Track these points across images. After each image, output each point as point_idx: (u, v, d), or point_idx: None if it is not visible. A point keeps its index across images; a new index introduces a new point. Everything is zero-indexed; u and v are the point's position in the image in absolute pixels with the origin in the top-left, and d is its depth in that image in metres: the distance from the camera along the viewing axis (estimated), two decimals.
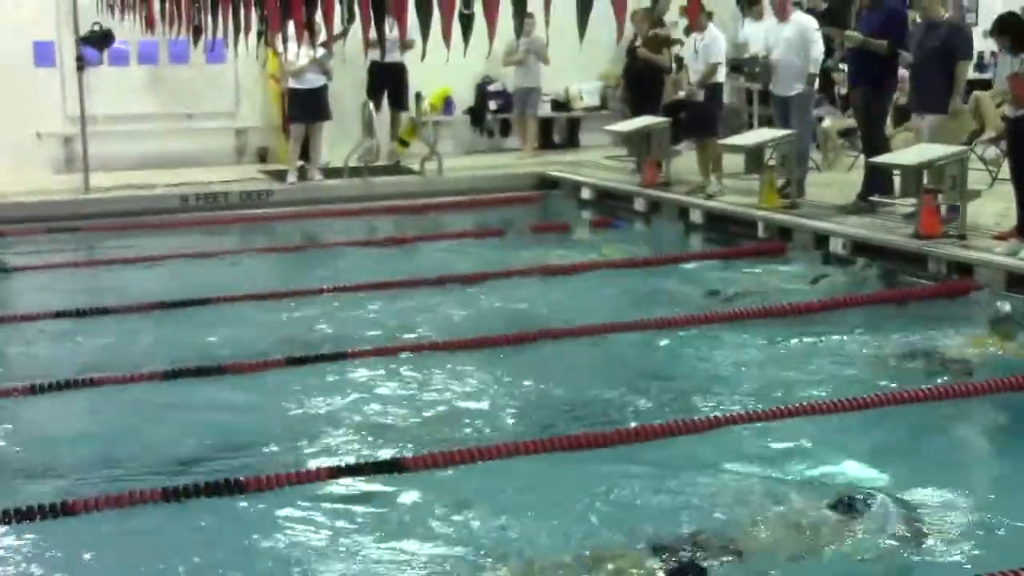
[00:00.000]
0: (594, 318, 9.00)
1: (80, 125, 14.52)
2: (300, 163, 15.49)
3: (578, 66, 17.00)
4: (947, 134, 11.01)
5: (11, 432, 7.01)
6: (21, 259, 11.98)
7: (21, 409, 7.36)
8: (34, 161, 16.04)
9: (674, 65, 15.51)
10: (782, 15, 12.88)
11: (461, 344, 8.46)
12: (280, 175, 15.51)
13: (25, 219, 13.52)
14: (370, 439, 6.69)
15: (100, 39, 15.09)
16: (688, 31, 13.74)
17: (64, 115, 15.79)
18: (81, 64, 14.51)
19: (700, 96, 13.33)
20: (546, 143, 18.15)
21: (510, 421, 7.03)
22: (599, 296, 10.07)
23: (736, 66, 16.85)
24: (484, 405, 7.31)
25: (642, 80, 15.35)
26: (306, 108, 15.36)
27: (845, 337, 8.56)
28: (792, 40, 12.67)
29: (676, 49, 15.71)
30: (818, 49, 12.62)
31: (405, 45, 12.89)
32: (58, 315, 9.48)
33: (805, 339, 8.51)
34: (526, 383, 7.67)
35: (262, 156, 17.11)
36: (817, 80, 12.99)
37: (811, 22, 12.91)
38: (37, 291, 10.66)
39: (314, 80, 15.24)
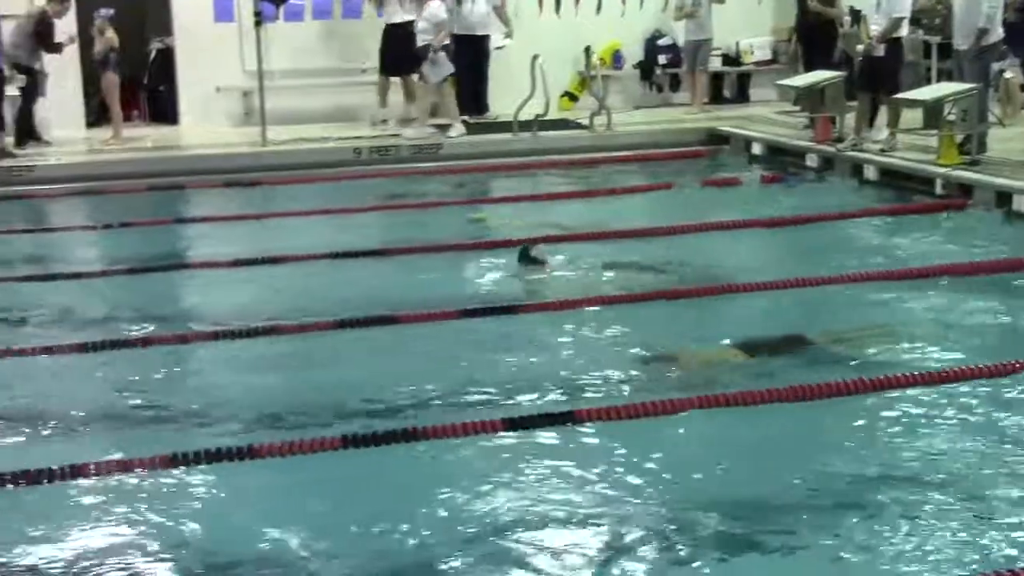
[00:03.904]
0: (767, 274, 8.88)
1: (258, 79, 14.82)
2: (463, 116, 15.59)
3: (748, 20, 16.71)
4: None
5: (196, 377, 7.29)
6: (200, 210, 12.34)
7: (204, 355, 7.61)
8: (214, 115, 16.53)
9: (847, 18, 15.11)
10: None
11: (630, 298, 8.43)
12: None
13: (206, 171, 13.91)
14: (545, 391, 6.67)
15: None
16: None
17: (242, 70, 16.13)
18: (259, 20, 14.79)
19: (880, 51, 12.94)
20: (716, 98, 17.91)
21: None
22: (771, 251, 9.93)
23: (915, 19, 16.34)
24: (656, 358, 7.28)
25: (814, 33, 15.04)
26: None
27: None
28: None
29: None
30: (990, 3, 12.09)
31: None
32: (235, 264, 9.73)
33: (986, 299, 8.28)
34: (702, 337, 7.61)
35: (432, 110, 17.20)
36: (999, 33, 12.47)
37: None
38: (216, 241, 10.93)
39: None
